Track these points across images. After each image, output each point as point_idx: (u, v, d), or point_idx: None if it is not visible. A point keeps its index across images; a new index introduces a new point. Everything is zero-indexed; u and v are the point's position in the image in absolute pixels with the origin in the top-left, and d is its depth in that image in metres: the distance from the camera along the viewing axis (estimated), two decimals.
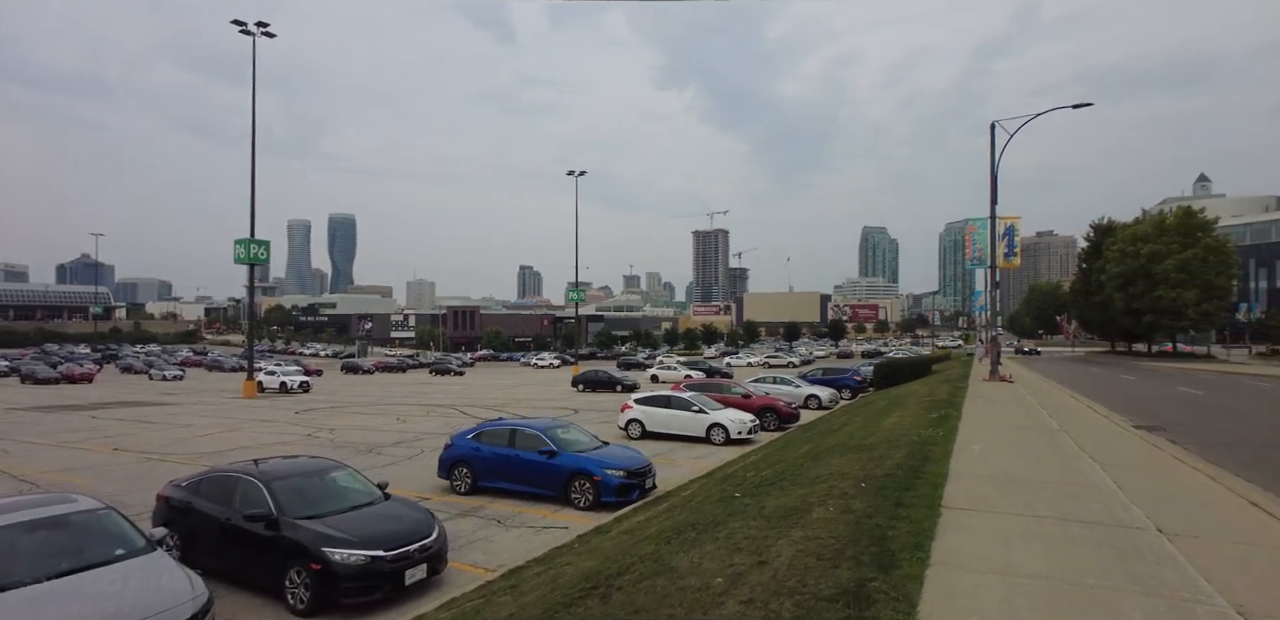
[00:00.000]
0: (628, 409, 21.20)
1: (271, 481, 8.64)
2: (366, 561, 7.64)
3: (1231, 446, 12.70)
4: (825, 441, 13.21)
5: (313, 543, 7.71)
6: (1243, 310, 71.27)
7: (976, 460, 8.59)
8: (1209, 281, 57.28)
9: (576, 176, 66.39)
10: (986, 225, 25.19)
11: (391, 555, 7.80)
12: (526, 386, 49.19)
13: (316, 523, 8.07)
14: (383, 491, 9.47)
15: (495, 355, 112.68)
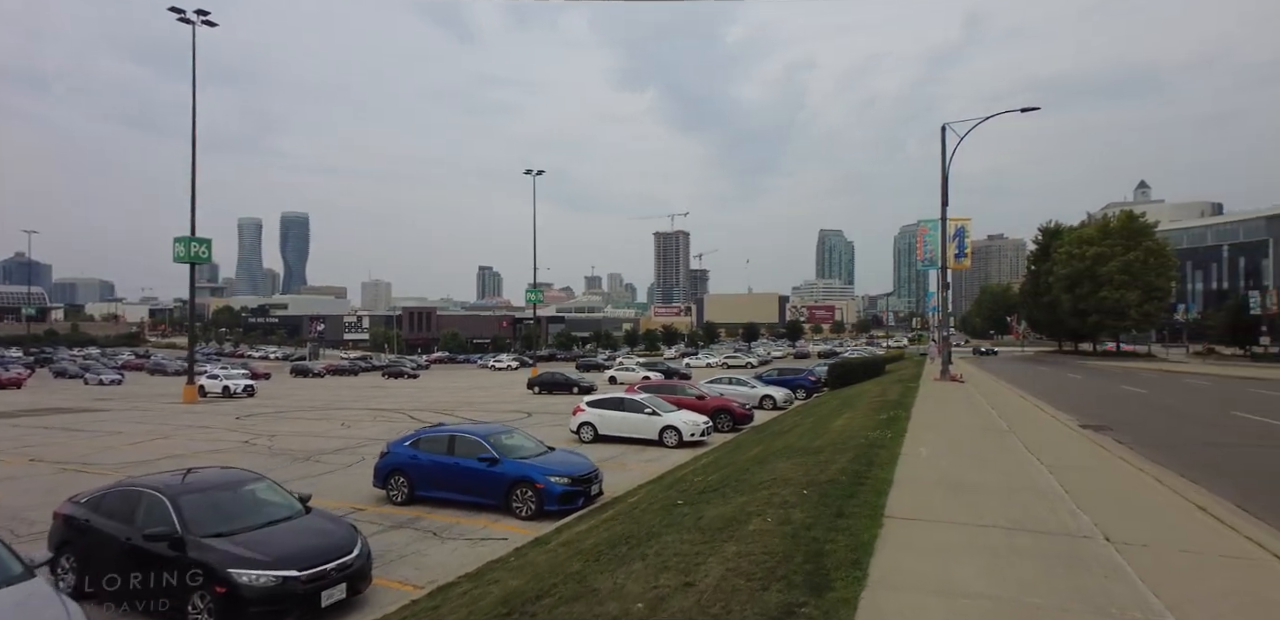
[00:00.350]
0: (579, 412, 20.73)
1: (178, 496, 7.97)
2: (277, 583, 7.04)
3: (1174, 446, 12.81)
4: (775, 444, 12.96)
5: (219, 563, 7.09)
6: (1180, 311, 73.91)
7: (923, 464, 8.38)
8: (1150, 283, 59.24)
9: (534, 176, 65.68)
10: (938, 227, 25.40)
11: (306, 575, 7.21)
12: (481, 389, 48.30)
13: (225, 541, 7.44)
14: (304, 505, 8.85)
15: (452, 357, 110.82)
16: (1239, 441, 13.71)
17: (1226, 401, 22.64)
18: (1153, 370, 44.25)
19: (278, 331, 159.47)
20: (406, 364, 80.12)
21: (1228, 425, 16.54)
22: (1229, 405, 21.22)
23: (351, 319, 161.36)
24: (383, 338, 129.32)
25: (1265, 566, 4.77)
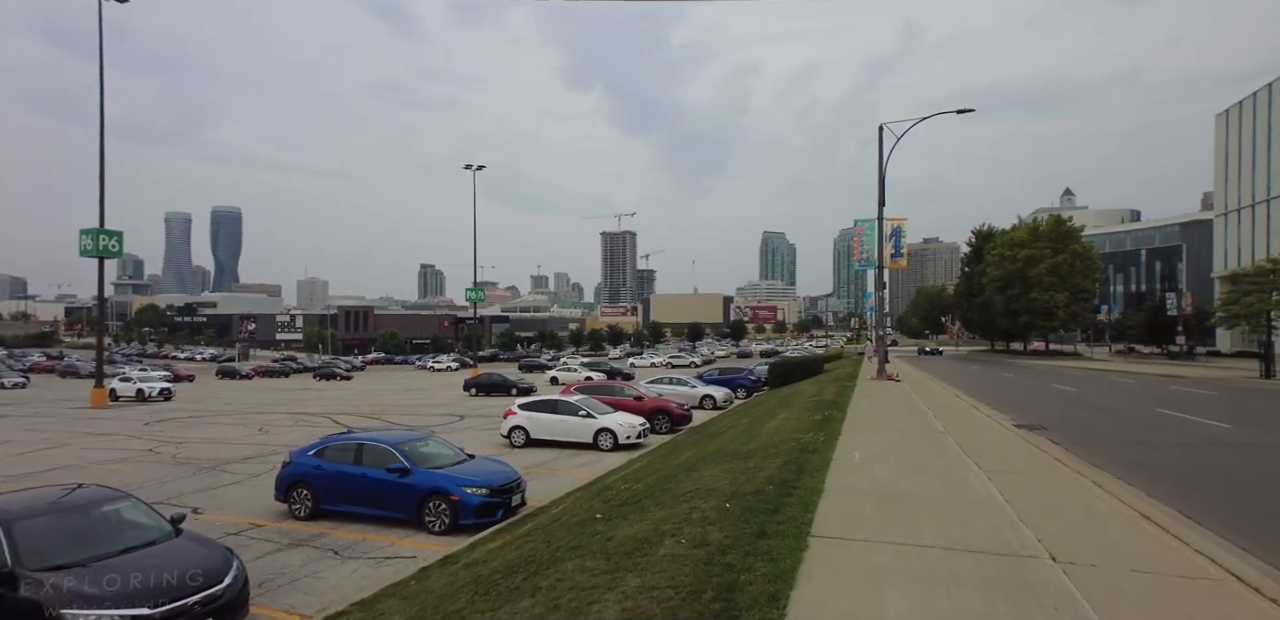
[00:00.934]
0: (511, 415, 19.84)
1: (12, 522, 6.84)
2: None
3: (1107, 446, 12.75)
4: (708, 447, 12.40)
5: (53, 602, 6.05)
6: (1103, 311, 77.02)
7: (856, 470, 7.90)
8: (1077, 285, 61.44)
9: (474, 171, 64.31)
10: (874, 227, 25.41)
11: (160, 612, 6.23)
12: (416, 391, 46.74)
13: (65, 575, 6.38)
14: (175, 526, 7.82)
15: (389, 358, 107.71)
16: (1168, 440, 13.75)
17: (1151, 399, 23.15)
18: (1080, 369, 45.68)
19: (206, 331, 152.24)
20: (340, 365, 77.47)
21: (1155, 423, 16.72)
22: (1154, 403, 21.68)
23: (285, 318, 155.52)
24: (317, 338, 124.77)
25: (1227, 589, 4.36)
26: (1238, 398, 23.94)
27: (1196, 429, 15.38)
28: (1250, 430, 15.33)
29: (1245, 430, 15.25)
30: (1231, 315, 33.08)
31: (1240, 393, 26.03)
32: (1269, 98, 59.87)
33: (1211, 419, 17.05)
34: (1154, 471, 10.06)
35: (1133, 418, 18.01)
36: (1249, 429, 15.50)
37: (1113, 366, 47.46)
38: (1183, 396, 24.15)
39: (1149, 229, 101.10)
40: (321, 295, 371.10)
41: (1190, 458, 11.65)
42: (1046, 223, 66.15)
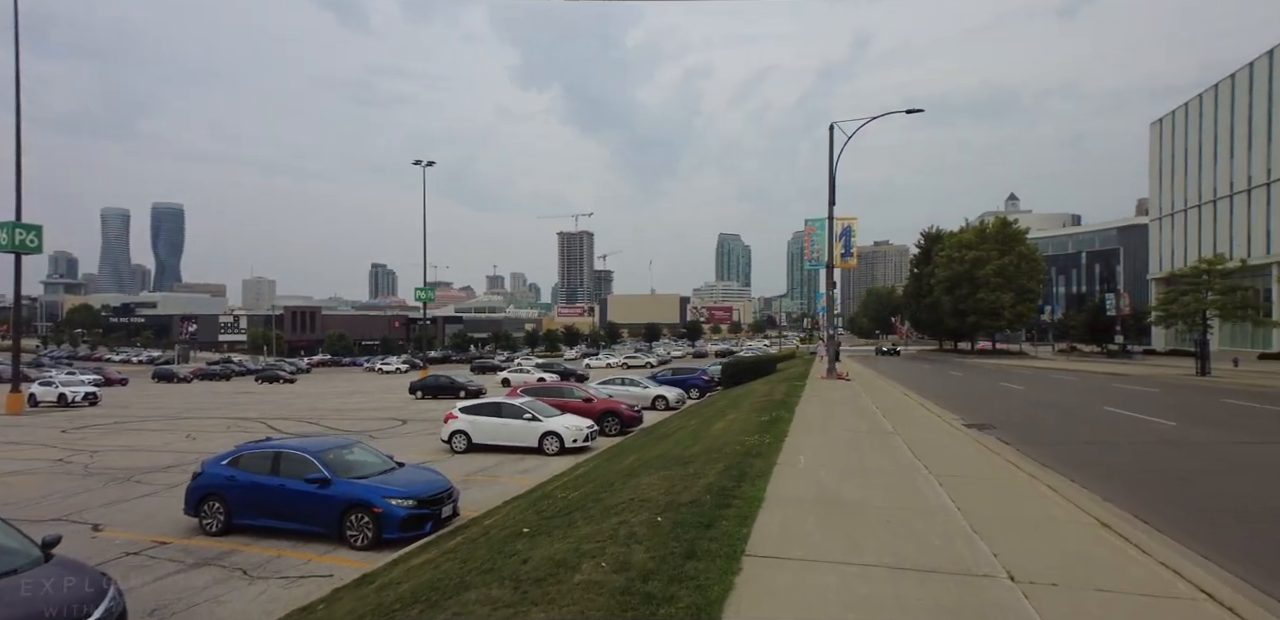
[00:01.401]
0: (452, 419, 19.02)
1: None
2: None
3: (1056, 445, 12.62)
4: (652, 451, 11.88)
5: None
6: (1046, 312, 79.19)
7: (800, 477, 7.45)
8: (1023, 285, 62.91)
9: (424, 167, 62.90)
10: (825, 226, 25.30)
11: None
12: (361, 394, 45.26)
13: None
14: (44, 551, 6.91)
15: (336, 360, 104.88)
16: (1117, 439, 13.67)
17: (1097, 397, 23.41)
18: (1026, 367, 46.60)
19: (144, 333, 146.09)
20: (285, 368, 75.16)
21: (1102, 421, 16.74)
22: (1099, 401, 21.89)
23: (228, 319, 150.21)
24: (261, 339, 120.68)
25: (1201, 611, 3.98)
26: (1178, 395, 24.41)
27: (1143, 427, 15.39)
28: (1194, 427, 15.38)
29: (1189, 427, 15.31)
30: (1169, 315, 33.98)
31: (1179, 390, 26.61)
32: (1199, 108, 62.25)
33: (1156, 416, 17.16)
34: (1106, 472, 9.86)
35: (1080, 416, 17.99)
36: (1192, 426, 15.56)
37: (1057, 365, 48.63)
38: (1126, 394, 24.51)
39: (1088, 233, 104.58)
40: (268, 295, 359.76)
41: (1140, 457, 11.49)
42: (993, 225, 67.60)
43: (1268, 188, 52.91)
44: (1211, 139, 60.24)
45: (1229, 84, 58.11)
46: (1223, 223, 58.28)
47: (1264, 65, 53.70)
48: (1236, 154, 56.82)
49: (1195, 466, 10.56)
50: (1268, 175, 52.87)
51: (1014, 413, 18.76)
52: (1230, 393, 25.09)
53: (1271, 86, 52.67)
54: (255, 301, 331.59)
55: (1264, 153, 53.41)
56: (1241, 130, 56.23)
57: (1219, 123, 59.35)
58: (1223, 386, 28.23)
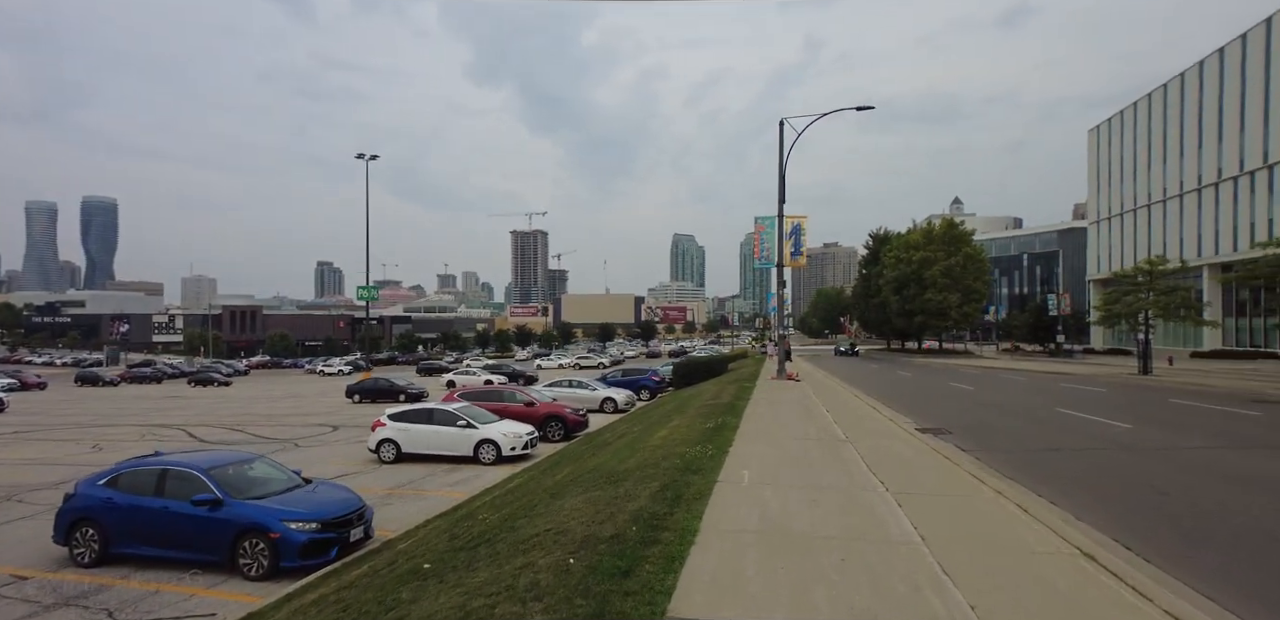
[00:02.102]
0: (380, 427, 17.77)
1: None
2: None
3: (1016, 452, 12.12)
4: (589, 462, 11.00)
5: None
6: (990, 312, 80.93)
7: (743, 498, 6.63)
8: (969, 286, 63.91)
9: (367, 161, 60.57)
10: (775, 224, 24.77)
11: None
12: (297, 398, 43.27)
13: None
14: None
15: (277, 361, 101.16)
16: (1076, 444, 13.17)
17: (1047, 397, 23.26)
18: (973, 366, 47.05)
19: (70, 333, 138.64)
20: (221, 370, 72.06)
21: (1058, 424, 16.36)
22: (1051, 401, 21.68)
23: (162, 318, 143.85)
24: (198, 340, 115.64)
25: None
26: (1125, 395, 24.48)
27: (1099, 430, 15.01)
28: (1150, 430, 15.06)
29: (1145, 430, 14.99)
30: (1112, 314, 34.51)
31: (1125, 389, 26.79)
32: (1134, 116, 64.22)
33: (1111, 418, 16.88)
34: (1072, 484, 9.27)
35: (1036, 418, 17.61)
36: (1148, 428, 15.27)
37: (1002, 364, 49.35)
38: (1076, 394, 24.48)
39: (1029, 235, 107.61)
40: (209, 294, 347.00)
41: (1103, 465, 10.95)
42: (940, 226, 68.58)
43: (1199, 193, 54.74)
44: (1146, 146, 62.16)
45: (1161, 93, 60.02)
46: (1157, 226, 60.17)
47: (1194, 75, 55.58)
48: (1169, 160, 58.69)
49: (1162, 475, 9.99)
50: (1199, 181, 54.70)
51: (967, 415, 18.32)
52: (1174, 392, 25.31)
53: (1202, 95, 54.52)
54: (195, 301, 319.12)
55: (1195, 159, 55.26)
56: (1174, 137, 58.11)
57: (1153, 130, 61.27)
58: (1165, 385, 28.60)
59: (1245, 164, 49.62)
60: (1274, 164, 46.78)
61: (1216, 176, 52.59)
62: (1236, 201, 50.64)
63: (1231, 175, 50.89)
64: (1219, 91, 52.49)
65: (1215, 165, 52.85)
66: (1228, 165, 51.45)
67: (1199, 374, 33.85)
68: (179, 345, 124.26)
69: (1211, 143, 53.41)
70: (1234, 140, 50.86)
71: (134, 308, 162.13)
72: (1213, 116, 53.26)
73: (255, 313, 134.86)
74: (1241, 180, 50.09)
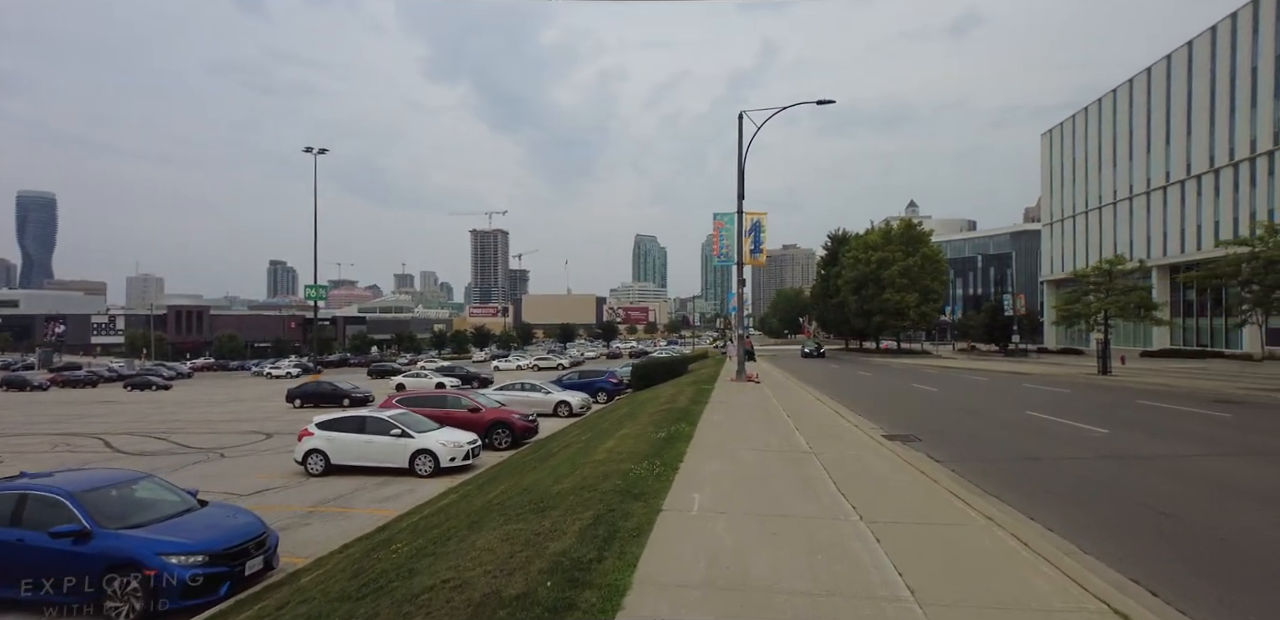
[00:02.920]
0: (307, 436, 16.36)
1: None
2: None
3: (994, 463, 11.24)
4: (524, 479, 9.90)
5: None
6: (946, 312, 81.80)
7: (691, 532, 5.57)
8: (926, 286, 64.24)
9: (315, 154, 58.45)
10: (734, 220, 23.92)
11: None
12: (238, 402, 41.18)
13: None
14: None
15: (223, 364, 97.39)
16: (1055, 452, 12.33)
17: (1014, 400, 22.67)
18: (932, 366, 46.98)
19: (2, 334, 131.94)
20: (162, 373, 68.99)
21: (1031, 428, 15.59)
22: (1019, 404, 21.06)
23: (102, 319, 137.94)
24: (141, 341, 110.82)
25: None
26: (1091, 396, 24.07)
27: (1076, 436, 14.22)
28: (1128, 435, 14.34)
29: (1123, 436, 14.28)
30: (1072, 314, 34.45)
31: (1089, 390, 26.47)
32: (1085, 120, 65.37)
33: (1083, 422, 16.19)
34: (1064, 503, 8.37)
35: (1006, 423, 16.79)
36: (1126, 434, 14.57)
37: (961, 364, 49.45)
38: (1041, 396, 24.03)
39: (984, 237, 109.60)
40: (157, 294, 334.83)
41: (1092, 478, 10.03)
42: (899, 226, 68.90)
43: (1148, 195, 55.82)
44: (1097, 149, 63.30)
45: (1111, 98, 61.16)
46: (1108, 228, 61.26)
47: (1143, 80, 56.68)
48: (1120, 164, 59.80)
49: (1156, 491, 9.08)
50: (1148, 184, 55.77)
51: (934, 419, 17.51)
52: (1137, 392, 25.08)
53: (1150, 100, 55.60)
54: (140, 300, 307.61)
55: (1144, 162, 56.34)
56: (1124, 141, 59.22)
57: (1103, 134, 62.41)
58: (1126, 385, 28.43)
59: (1193, 168, 50.68)
60: (1220, 168, 47.83)
61: (1165, 180, 53.65)
62: (1184, 204, 51.69)
63: (1179, 179, 51.95)
64: (1166, 97, 53.57)
65: (1164, 169, 53.92)
66: (1175, 169, 52.51)
67: (1154, 373, 34.08)
68: (120, 347, 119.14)
69: (1159, 147, 54.48)
70: (1181, 145, 51.94)
71: (72, 308, 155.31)
72: (1160, 121, 54.34)
73: (202, 313, 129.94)
74: (1189, 184, 51.13)
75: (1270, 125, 43.81)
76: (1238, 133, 46.49)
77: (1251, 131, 45.28)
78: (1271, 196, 43.58)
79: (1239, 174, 46.48)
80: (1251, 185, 45.26)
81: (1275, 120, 43.53)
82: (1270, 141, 43.64)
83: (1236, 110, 46.57)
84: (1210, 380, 29.40)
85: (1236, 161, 46.46)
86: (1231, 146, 47.01)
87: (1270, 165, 43.78)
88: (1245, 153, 45.67)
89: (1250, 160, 45.32)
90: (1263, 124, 44.42)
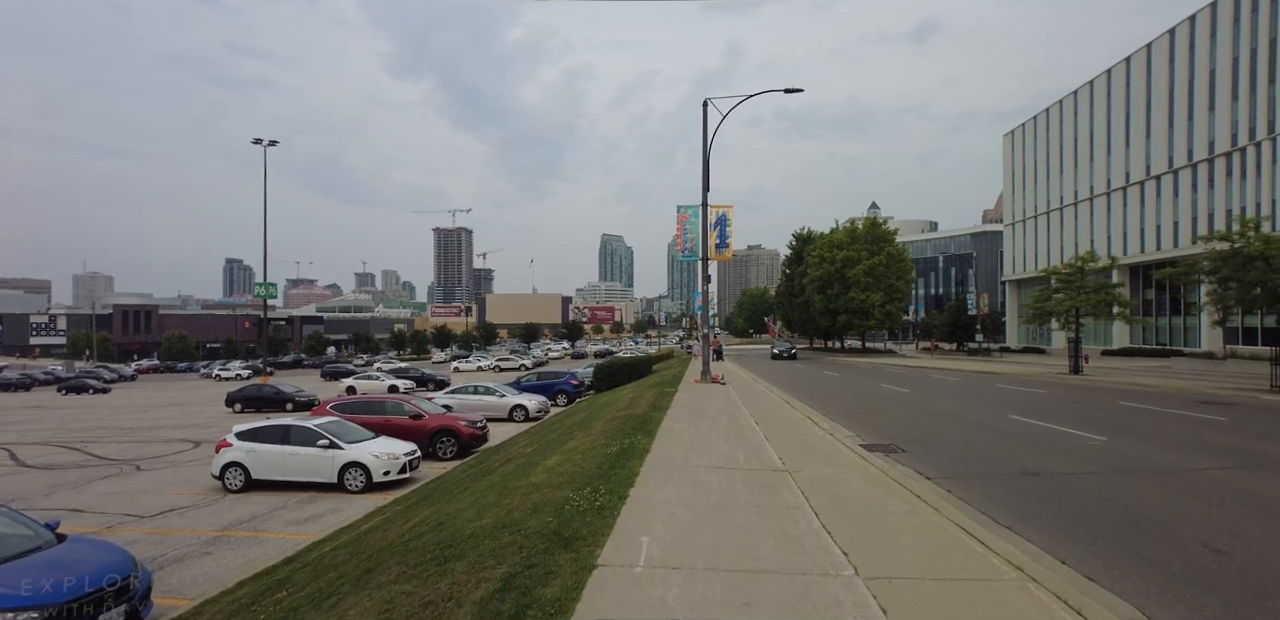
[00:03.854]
0: (225, 448, 14.72)
1: None
2: None
3: (991, 479, 9.94)
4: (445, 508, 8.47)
5: None
6: (910, 311, 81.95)
7: (631, 606, 4.29)
8: (891, 285, 63.99)
9: (265, 146, 55.78)
10: (699, 213, 22.69)
11: None
12: (177, 407, 38.83)
13: None
14: None
15: (170, 365, 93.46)
16: (1056, 465, 10.87)
17: (991, 402, 21.60)
18: (899, 366, 46.37)
19: None
20: (102, 375, 65.77)
21: (1020, 436, 14.21)
22: (998, 407, 19.98)
23: (42, 319, 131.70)
24: (84, 342, 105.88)
25: None
26: (1070, 397, 23.16)
27: (1071, 444, 12.94)
28: (1129, 444, 12.99)
29: (1123, 444, 12.96)
30: (1044, 312, 33.86)
31: (1066, 391, 25.64)
32: (1047, 122, 65.82)
33: (1074, 428, 14.93)
34: (1094, 536, 6.89)
35: (991, 429, 15.38)
36: (1124, 441, 13.28)
37: (926, 363, 48.97)
38: (1019, 397, 23.09)
39: (945, 238, 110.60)
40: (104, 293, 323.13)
41: (1113, 501, 8.53)
42: (864, 225, 68.62)
43: (1108, 196, 56.22)
44: (1058, 150, 63.73)
45: (1072, 100, 61.58)
46: (1069, 228, 61.67)
47: (1103, 83, 57.10)
48: (1080, 164, 60.22)
49: (1198, 518, 7.52)
50: (1108, 184, 56.18)
51: (912, 425, 16.23)
52: (1117, 393, 24.27)
53: (1110, 102, 56.01)
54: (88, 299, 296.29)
55: (1105, 163, 56.75)
56: (1085, 143, 59.65)
57: (1064, 136, 62.85)
58: (1101, 385, 27.72)
59: (1152, 169, 51.06)
60: (1179, 169, 48.21)
61: (1125, 181, 54.05)
62: (1144, 205, 52.10)
63: (1139, 179, 52.33)
64: (1126, 99, 53.96)
65: (1124, 170, 54.33)
66: (1135, 170, 52.89)
67: (1122, 372, 33.73)
68: (61, 348, 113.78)
69: (1120, 148, 54.89)
70: (1141, 146, 52.32)
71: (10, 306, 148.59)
72: (1120, 123, 54.75)
73: (150, 312, 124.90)
74: (1149, 184, 51.51)
75: (1228, 127, 44.20)
76: (1196, 135, 46.88)
77: (1210, 133, 45.67)
78: (1230, 197, 43.95)
79: (1197, 175, 46.88)
80: (1210, 186, 45.64)
81: (1232, 122, 43.93)
82: (1229, 143, 44.02)
83: (1195, 112, 46.96)
84: (1182, 379, 28.97)
85: (1195, 162, 46.85)
86: (1190, 148, 47.41)
87: (1229, 166, 44.16)
88: (1204, 154, 46.06)
89: (1209, 161, 45.71)
90: (1221, 126, 44.81)
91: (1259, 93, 41.82)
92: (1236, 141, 43.44)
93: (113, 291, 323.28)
